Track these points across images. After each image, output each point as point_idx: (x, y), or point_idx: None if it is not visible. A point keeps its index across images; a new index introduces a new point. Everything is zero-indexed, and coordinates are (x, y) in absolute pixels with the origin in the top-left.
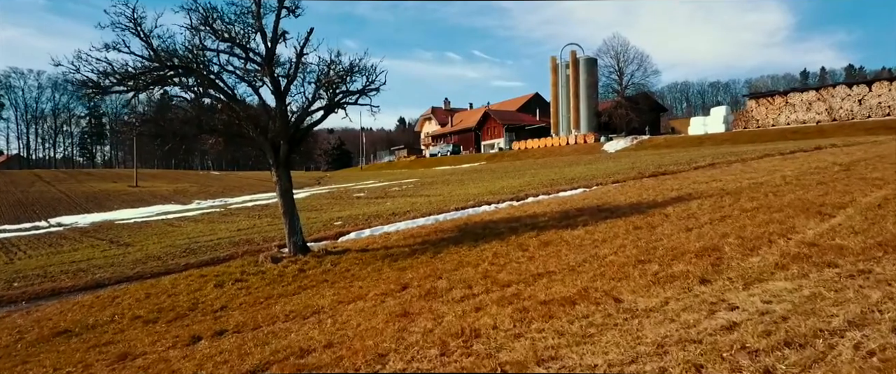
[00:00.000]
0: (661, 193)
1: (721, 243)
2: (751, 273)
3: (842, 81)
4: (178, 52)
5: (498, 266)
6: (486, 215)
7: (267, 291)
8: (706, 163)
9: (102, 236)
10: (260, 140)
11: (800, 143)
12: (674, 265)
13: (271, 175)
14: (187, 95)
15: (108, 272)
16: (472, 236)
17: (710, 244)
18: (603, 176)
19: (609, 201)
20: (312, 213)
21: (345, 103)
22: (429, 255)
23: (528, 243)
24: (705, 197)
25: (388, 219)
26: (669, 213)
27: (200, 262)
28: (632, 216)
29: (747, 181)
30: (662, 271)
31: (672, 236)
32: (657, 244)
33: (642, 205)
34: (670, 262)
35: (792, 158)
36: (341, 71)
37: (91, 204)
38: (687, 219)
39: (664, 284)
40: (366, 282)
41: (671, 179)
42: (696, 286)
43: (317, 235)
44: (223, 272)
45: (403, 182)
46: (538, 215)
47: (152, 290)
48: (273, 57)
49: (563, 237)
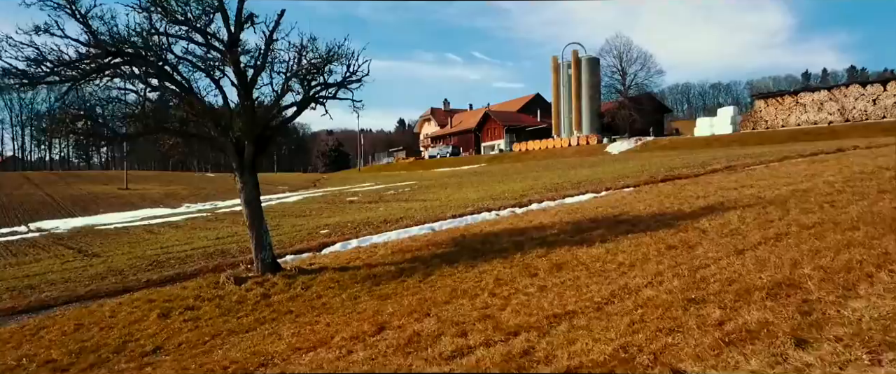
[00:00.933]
0: (684, 200)
1: (796, 274)
2: (868, 329)
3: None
4: (123, 36)
5: (501, 299)
6: (486, 226)
7: (217, 325)
8: (722, 166)
9: (75, 244)
10: (221, 140)
11: (816, 144)
12: (742, 311)
13: (234, 181)
14: (136, 87)
15: (59, 290)
16: (470, 253)
17: (781, 277)
18: (611, 180)
19: (626, 210)
20: (300, 219)
21: (322, 98)
22: (417, 278)
23: (537, 266)
24: (743, 207)
25: (379, 227)
26: (706, 228)
27: (163, 278)
28: (659, 231)
29: (785, 188)
30: (730, 321)
31: (721, 261)
32: (706, 273)
33: (667, 216)
34: (734, 303)
35: (820, 161)
36: (315, 59)
37: (76, 208)
38: (731, 236)
39: (741, 346)
40: (337, 316)
41: (690, 184)
42: (791, 352)
43: (299, 245)
44: (176, 296)
45: (400, 185)
46: (546, 226)
47: (88, 319)
48: (237, 43)
49: (578, 258)
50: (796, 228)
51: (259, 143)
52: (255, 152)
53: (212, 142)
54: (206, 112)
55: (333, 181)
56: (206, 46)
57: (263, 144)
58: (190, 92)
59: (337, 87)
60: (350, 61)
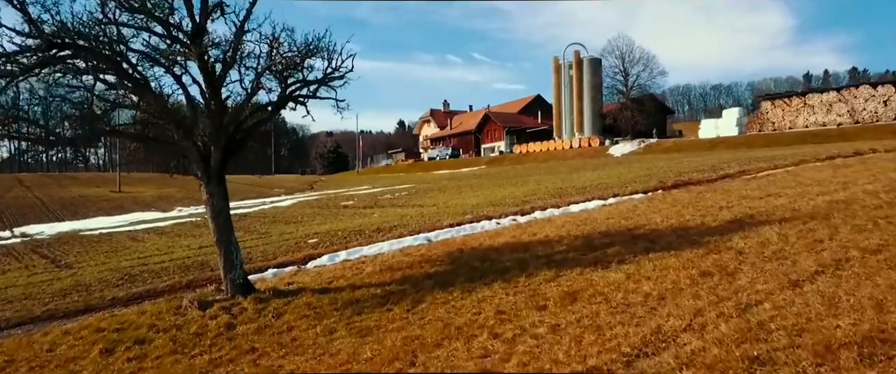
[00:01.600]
0: (706, 212)
1: (888, 322)
2: None
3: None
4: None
5: (504, 342)
6: (485, 239)
7: (164, 366)
8: (735, 170)
9: (52, 252)
10: (183, 144)
11: (826, 146)
12: None
13: (201, 191)
14: (85, 83)
15: (14, 309)
16: (468, 273)
17: (868, 327)
18: (618, 185)
19: (641, 222)
20: (290, 227)
21: (300, 97)
22: (406, 305)
23: (546, 293)
24: (779, 222)
25: (370, 237)
26: (742, 248)
27: (130, 296)
28: (684, 251)
29: (820, 198)
30: None
31: (774, 295)
32: (761, 315)
33: (690, 231)
34: (817, 369)
35: (844, 166)
36: (290, 52)
37: (65, 212)
38: (777, 261)
39: None
40: (306, 358)
41: (707, 191)
42: None
43: (283, 258)
44: (130, 324)
45: (397, 188)
46: (552, 240)
47: (23, 352)
48: (203, 34)
49: (594, 285)
50: (857, 252)
51: (228, 147)
52: (224, 158)
53: (172, 146)
54: (167, 112)
55: (330, 184)
56: (167, 38)
57: (233, 148)
58: (147, 90)
59: (317, 84)
60: (332, 56)
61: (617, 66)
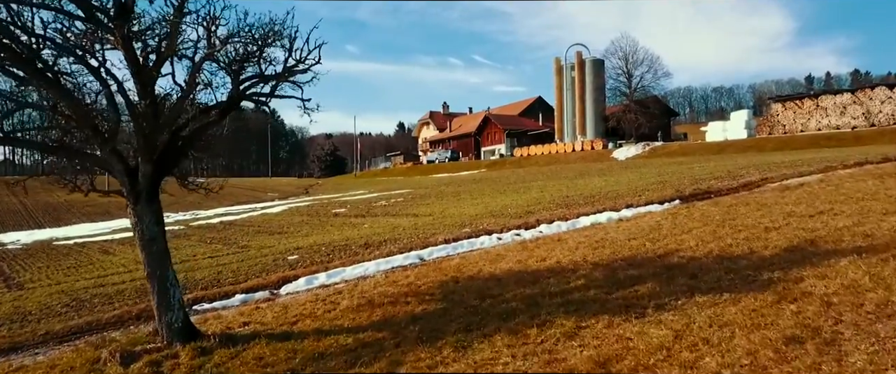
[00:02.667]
0: (749, 233)
1: None
2: None
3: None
4: None
5: None
6: (485, 263)
7: None
8: (756, 177)
9: (10, 267)
10: (104, 156)
11: (844, 151)
12: None
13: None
14: None
15: None
16: (463, 317)
17: None
18: (629, 194)
19: (671, 246)
20: (272, 239)
21: (256, 96)
22: (379, 367)
23: (568, 358)
24: (855, 254)
25: (356, 255)
26: (826, 295)
27: (67, 330)
28: (743, 295)
29: (892, 219)
30: None
31: None
32: None
33: (738, 261)
34: None
35: (886, 176)
36: (241, 40)
37: (47, 217)
38: (884, 320)
39: None
40: None
41: (738, 204)
42: None
43: (255, 280)
44: None
45: (393, 193)
46: (566, 269)
47: None
48: (130, 15)
49: (633, 350)
50: None
51: (163, 159)
52: (157, 172)
53: (88, 158)
54: (81, 115)
55: (326, 188)
56: (84, 20)
57: (169, 161)
58: (56, 86)
59: (276, 80)
60: (292, 44)
61: (620, 67)
